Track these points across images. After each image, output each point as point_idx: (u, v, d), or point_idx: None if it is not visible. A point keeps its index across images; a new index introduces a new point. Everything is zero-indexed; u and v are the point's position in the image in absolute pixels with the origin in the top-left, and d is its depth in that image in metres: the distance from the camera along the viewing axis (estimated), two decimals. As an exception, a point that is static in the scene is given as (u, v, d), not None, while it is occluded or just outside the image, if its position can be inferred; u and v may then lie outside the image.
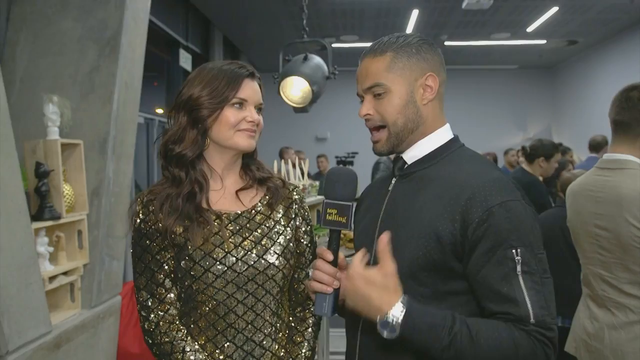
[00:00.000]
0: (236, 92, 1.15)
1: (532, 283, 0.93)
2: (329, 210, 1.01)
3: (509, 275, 0.93)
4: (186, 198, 1.15)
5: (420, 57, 1.08)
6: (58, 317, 2.12)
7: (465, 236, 0.96)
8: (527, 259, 0.94)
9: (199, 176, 1.18)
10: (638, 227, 1.46)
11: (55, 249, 2.17)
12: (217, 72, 1.17)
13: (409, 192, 1.08)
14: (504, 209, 0.95)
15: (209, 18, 6.92)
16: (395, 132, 1.09)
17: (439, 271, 1.00)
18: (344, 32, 7.64)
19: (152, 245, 1.16)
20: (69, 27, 2.46)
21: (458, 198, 0.98)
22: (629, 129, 1.57)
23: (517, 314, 0.92)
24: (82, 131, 2.35)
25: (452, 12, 6.71)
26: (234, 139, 1.16)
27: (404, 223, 1.05)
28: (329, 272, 1.01)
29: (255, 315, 1.15)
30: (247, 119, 1.16)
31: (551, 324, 0.93)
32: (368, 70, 1.09)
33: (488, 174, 1.01)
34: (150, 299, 1.17)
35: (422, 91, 1.08)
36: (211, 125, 1.16)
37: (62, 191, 2.12)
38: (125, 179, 2.54)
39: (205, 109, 1.15)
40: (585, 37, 8.08)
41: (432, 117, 1.10)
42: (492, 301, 0.95)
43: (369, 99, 1.10)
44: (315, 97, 3.57)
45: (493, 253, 0.94)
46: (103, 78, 2.43)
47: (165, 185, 1.19)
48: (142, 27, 2.67)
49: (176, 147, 1.16)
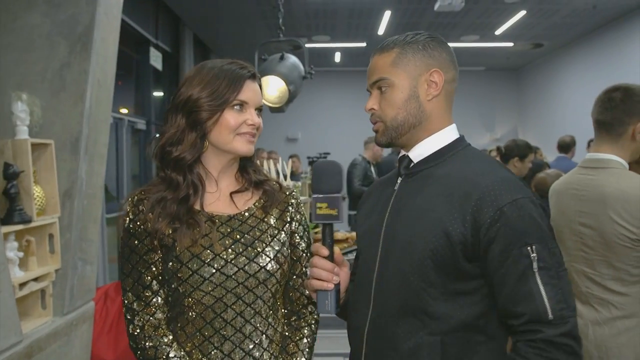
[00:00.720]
0: (237, 93, 1.12)
1: (549, 278, 0.94)
2: (319, 205, 1.00)
3: (526, 273, 0.94)
4: (180, 202, 1.12)
5: (426, 53, 1.08)
6: (29, 325, 2.02)
7: (476, 237, 0.96)
8: (542, 255, 0.94)
9: (196, 179, 1.14)
10: (622, 225, 1.49)
11: (25, 254, 2.06)
12: (217, 72, 1.12)
13: (416, 190, 1.08)
14: (515, 207, 0.95)
15: (179, 16, 6.79)
16: (394, 126, 1.08)
17: (449, 271, 0.99)
18: (316, 32, 7.63)
19: (140, 245, 1.12)
20: (37, 22, 2.35)
21: (468, 198, 0.98)
22: (612, 129, 1.61)
23: (536, 312, 0.93)
24: (53, 130, 2.25)
25: (424, 14, 6.79)
26: (233, 144, 1.13)
27: (412, 222, 1.03)
28: (327, 267, 1.00)
29: (245, 322, 1.11)
30: (248, 122, 1.13)
31: (569, 316, 0.93)
32: (375, 66, 1.11)
33: (496, 173, 1.01)
34: (136, 301, 1.12)
35: (426, 87, 1.08)
36: (211, 129, 1.12)
37: (32, 193, 2.02)
38: (98, 180, 2.45)
39: (205, 111, 1.11)
40: (550, 41, 8.32)
41: (437, 114, 1.10)
42: (510, 301, 0.95)
43: (375, 94, 1.11)
44: (291, 97, 3.54)
45: (508, 252, 0.95)
46: (74, 75, 2.33)
47: (160, 186, 1.14)
48: (114, 23, 2.58)
49: (174, 149, 1.12)
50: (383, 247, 1.07)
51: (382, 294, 1.06)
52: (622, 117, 1.60)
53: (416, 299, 1.01)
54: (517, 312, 0.95)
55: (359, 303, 1.11)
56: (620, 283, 1.54)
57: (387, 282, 1.05)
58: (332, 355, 3.80)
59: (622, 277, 1.53)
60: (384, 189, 1.17)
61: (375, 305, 1.07)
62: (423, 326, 1.00)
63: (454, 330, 0.99)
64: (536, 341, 0.93)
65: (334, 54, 8.96)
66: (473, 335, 1.00)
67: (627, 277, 1.52)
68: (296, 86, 3.49)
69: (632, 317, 1.52)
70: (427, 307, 1.00)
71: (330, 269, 1.00)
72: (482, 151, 1.14)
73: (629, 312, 1.52)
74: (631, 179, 1.55)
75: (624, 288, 1.53)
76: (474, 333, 1.00)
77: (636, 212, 1.48)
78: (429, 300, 0.99)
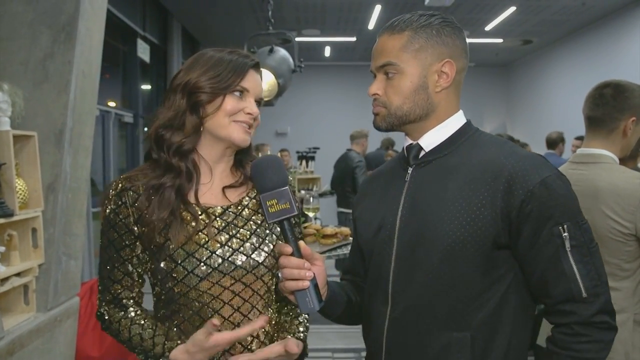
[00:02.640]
0: (241, 80, 1.08)
1: (580, 256, 0.94)
2: (269, 203, 0.94)
3: (558, 253, 0.94)
4: (176, 191, 1.07)
5: (439, 40, 1.02)
6: (11, 321, 1.98)
7: (507, 220, 0.94)
8: (573, 233, 0.94)
9: (191, 167, 1.09)
10: (614, 219, 1.49)
11: (7, 248, 2.01)
12: (219, 58, 1.09)
13: (433, 180, 1.03)
14: (544, 186, 0.94)
15: (167, 8, 6.70)
16: (398, 115, 1.03)
17: (479, 262, 0.96)
18: (305, 25, 7.57)
19: (119, 240, 1.08)
20: (18, 10, 2.29)
21: (495, 181, 0.95)
22: (603, 125, 1.60)
23: (569, 291, 0.94)
24: (36, 122, 2.20)
25: (415, 9, 6.71)
26: (228, 129, 1.08)
27: (435, 214, 0.99)
28: (297, 264, 0.94)
29: (242, 317, 1.08)
30: (246, 110, 1.09)
31: (602, 292, 0.95)
32: (383, 48, 1.03)
33: (517, 153, 0.99)
34: (104, 292, 1.12)
35: (436, 77, 1.02)
36: (208, 112, 1.08)
37: (14, 186, 1.97)
38: (83, 173, 2.40)
39: (205, 94, 1.06)
40: (539, 37, 8.35)
41: (445, 105, 1.05)
42: (544, 281, 0.96)
43: (380, 78, 1.05)
44: (281, 90, 3.51)
45: (540, 233, 0.94)
46: (58, 66, 2.28)
47: (150, 173, 1.09)
48: (100, 13, 2.52)
49: (175, 133, 1.07)
50: (400, 242, 1.03)
51: (404, 292, 1.02)
52: (613, 113, 1.59)
53: (445, 295, 0.98)
54: (551, 293, 0.96)
55: (374, 302, 1.08)
56: (612, 278, 1.53)
57: (409, 278, 1.01)
58: (318, 351, 3.79)
59: (613, 272, 1.53)
60: (390, 181, 1.11)
61: (394, 304, 1.03)
62: (452, 323, 0.98)
63: (482, 323, 0.98)
64: (572, 327, 0.95)
65: (324, 48, 8.92)
66: (497, 326, 0.98)
67: (618, 271, 1.52)
68: (285, 80, 3.46)
69: (623, 312, 1.51)
70: (457, 302, 0.98)
71: (300, 266, 0.93)
72: (492, 134, 1.10)
73: (619, 307, 1.51)
74: (623, 173, 1.55)
75: (615, 283, 1.52)
76: (498, 324, 0.98)
77: (628, 206, 1.48)
78: (459, 295, 0.97)
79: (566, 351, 0.95)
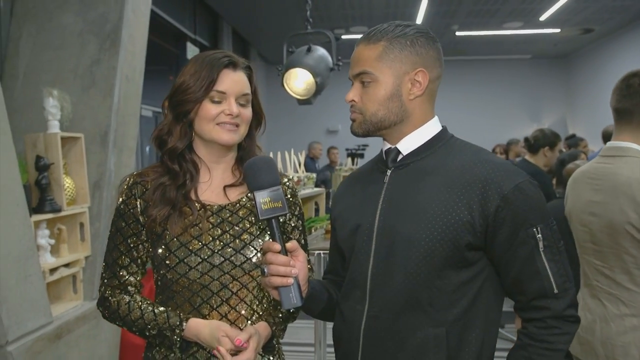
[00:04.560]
0: (214, 84, 1.13)
1: (552, 255, 1.01)
2: (262, 200, 0.99)
3: (533, 253, 1.00)
4: (178, 188, 1.16)
5: (413, 50, 1.06)
6: (59, 308, 2.15)
7: (484, 225, 0.99)
8: (546, 234, 1.01)
9: (191, 167, 1.18)
10: (631, 215, 1.42)
11: (56, 241, 2.19)
12: (200, 63, 1.15)
13: (410, 183, 1.07)
14: (519, 191, 0.99)
15: (216, 11, 6.92)
16: (373, 121, 1.08)
17: (455, 261, 1.01)
18: (353, 23, 7.58)
19: (126, 228, 1.17)
20: (70, 21, 2.48)
21: (471, 187, 1.00)
22: (631, 117, 1.53)
23: (542, 288, 1.00)
24: (83, 124, 2.37)
25: (463, 1, 6.61)
26: (212, 133, 1.15)
27: (413, 216, 1.03)
28: (283, 262, 0.98)
29: (230, 309, 1.15)
30: (226, 112, 1.14)
31: (570, 287, 1.02)
32: (360, 57, 1.08)
33: (492, 161, 1.04)
34: (111, 277, 1.19)
35: (409, 86, 1.06)
36: (193, 119, 1.16)
37: (62, 184, 2.14)
38: (127, 171, 2.55)
39: (187, 102, 1.14)
40: (600, 25, 7.91)
41: (419, 112, 1.09)
42: (518, 279, 1.02)
43: (357, 85, 1.09)
44: (319, 89, 3.54)
45: (515, 235, 1.00)
46: (104, 71, 2.44)
47: (159, 170, 1.19)
48: (142, 20, 2.67)
49: (168, 140, 1.17)
50: (378, 242, 1.06)
51: (382, 291, 1.05)
52: None
53: (423, 292, 1.01)
54: (525, 290, 1.02)
55: (350, 300, 1.11)
56: (629, 277, 1.47)
57: (387, 278, 1.04)
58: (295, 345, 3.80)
59: (631, 271, 1.46)
60: (368, 183, 1.15)
61: (372, 302, 1.06)
62: (429, 319, 1.01)
63: (457, 319, 1.01)
64: (545, 320, 1.01)
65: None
66: (472, 320, 1.02)
67: (636, 270, 1.45)
68: (323, 78, 3.48)
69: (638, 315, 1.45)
70: (433, 299, 1.01)
71: (286, 263, 0.98)
72: (465, 141, 1.12)
73: (637, 311, 1.45)
74: None
75: (633, 284, 1.46)
76: (472, 318, 1.02)
77: None
78: (436, 292, 1.00)
79: (541, 343, 1.01)
